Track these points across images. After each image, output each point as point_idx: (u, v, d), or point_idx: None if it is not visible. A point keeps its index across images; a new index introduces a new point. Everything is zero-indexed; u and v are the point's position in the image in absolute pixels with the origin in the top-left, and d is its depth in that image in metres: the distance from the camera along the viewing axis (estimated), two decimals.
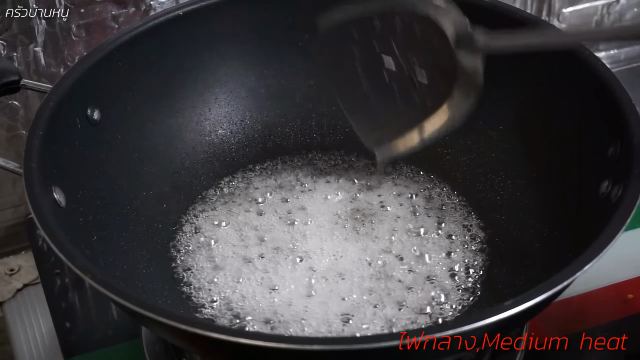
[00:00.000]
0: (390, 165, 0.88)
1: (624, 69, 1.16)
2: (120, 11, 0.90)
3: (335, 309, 0.73)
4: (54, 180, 0.68)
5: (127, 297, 0.58)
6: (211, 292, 0.75)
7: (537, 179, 0.80)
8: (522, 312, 0.56)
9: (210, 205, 0.84)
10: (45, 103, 0.71)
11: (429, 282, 0.75)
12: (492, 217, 0.81)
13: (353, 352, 0.55)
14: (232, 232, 0.81)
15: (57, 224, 0.63)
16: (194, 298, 0.75)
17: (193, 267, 0.78)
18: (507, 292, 0.73)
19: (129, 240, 0.76)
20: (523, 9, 1.06)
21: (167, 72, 0.84)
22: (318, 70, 0.85)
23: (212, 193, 0.85)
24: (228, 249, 0.79)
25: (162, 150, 0.84)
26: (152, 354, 0.77)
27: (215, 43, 0.86)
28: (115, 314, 0.83)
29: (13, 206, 0.95)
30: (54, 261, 0.88)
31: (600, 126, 0.73)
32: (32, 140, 0.68)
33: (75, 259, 0.60)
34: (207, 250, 0.79)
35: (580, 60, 0.76)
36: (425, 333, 0.54)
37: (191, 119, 0.87)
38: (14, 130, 0.91)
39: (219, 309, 0.73)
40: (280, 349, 0.54)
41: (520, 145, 0.83)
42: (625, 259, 0.84)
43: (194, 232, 0.81)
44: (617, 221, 0.61)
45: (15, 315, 0.87)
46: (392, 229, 0.81)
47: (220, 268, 0.77)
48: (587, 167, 0.74)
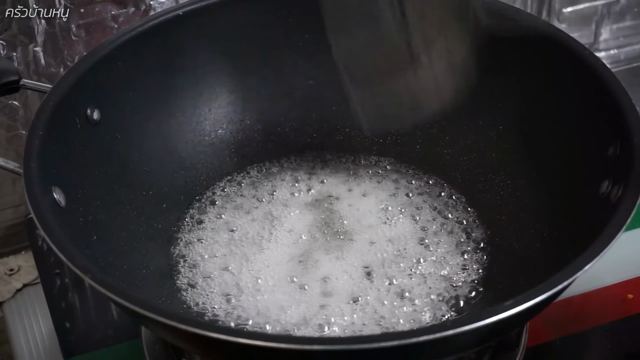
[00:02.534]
0: (390, 166, 0.88)
1: (624, 69, 1.16)
2: (120, 11, 0.90)
3: (336, 309, 0.73)
4: (54, 180, 0.68)
5: (127, 297, 0.58)
6: (211, 292, 0.75)
7: (537, 179, 0.80)
8: (522, 312, 0.56)
9: (210, 206, 0.84)
10: (45, 103, 0.71)
11: (429, 282, 0.75)
12: (492, 217, 0.81)
13: (353, 352, 0.55)
14: (232, 232, 0.81)
15: (57, 224, 0.63)
16: (194, 298, 0.75)
17: (193, 267, 0.78)
18: (507, 292, 0.73)
19: (128, 240, 0.76)
20: (523, 9, 1.06)
21: (167, 72, 0.84)
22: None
23: (212, 193, 0.85)
24: (228, 249, 0.79)
25: (162, 150, 0.83)
26: (152, 354, 0.77)
27: (215, 43, 0.86)
28: (115, 314, 0.83)
29: (13, 206, 0.95)
30: (54, 261, 0.88)
31: (600, 126, 0.73)
32: (32, 140, 0.68)
33: (75, 259, 0.60)
34: (207, 250, 0.79)
35: (580, 60, 0.76)
36: (425, 333, 0.54)
37: (191, 119, 0.87)
38: (14, 130, 0.91)
39: (219, 309, 0.73)
40: (280, 349, 0.54)
41: (520, 145, 0.83)
42: (625, 259, 0.84)
43: (194, 232, 0.81)
44: (617, 221, 0.61)
45: (15, 315, 0.87)
46: (391, 229, 0.80)
47: (220, 268, 0.77)
48: (587, 167, 0.74)
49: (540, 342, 0.77)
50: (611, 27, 1.14)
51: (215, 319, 0.72)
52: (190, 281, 0.76)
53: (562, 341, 0.78)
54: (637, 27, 1.15)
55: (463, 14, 0.66)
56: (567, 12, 1.11)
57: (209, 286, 0.76)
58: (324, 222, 0.82)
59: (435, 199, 0.84)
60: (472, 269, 0.77)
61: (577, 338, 0.78)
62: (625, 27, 1.14)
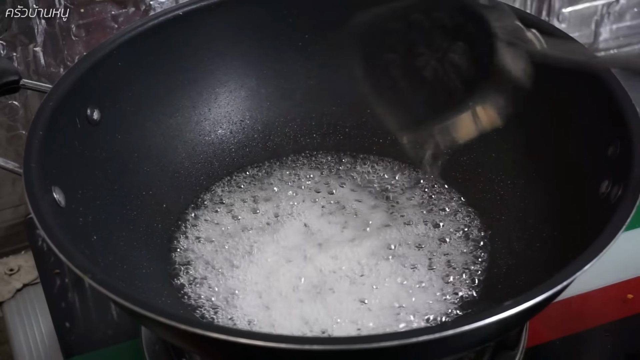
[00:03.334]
0: (390, 165, 0.88)
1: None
2: (120, 11, 0.90)
3: (337, 309, 0.73)
4: (54, 180, 0.68)
5: (127, 296, 0.58)
6: (211, 292, 0.75)
7: (537, 179, 0.80)
8: (522, 312, 0.56)
9: (210, 206, 0.84)
10: (45, 103, 0.71)
11: (429, 282, 0.75)
12: (492, 217, 0.81)
13: (353, 352, 0.55)
14: (232, 232, 0.81)
15: (57, 224, 0.63)
16: (194, 298, 0.75)
17: (193, 267, 0.77)
18: (507, 292, 0.73)
19: (128, 240, 0.76)
20: (523, 9, 1.06)
21: (167, 72, 0.84)
22: (345, 61, 0.79)
23: (212, 193, 0.85)
24: (228, 249, 0.79)
25: (162, 150, 0.84)
26: (152, 354, 0.77)
27: (215, 43, 0.86)
28: (115, 314, 0.83)
29: (13, 206, 0.95)
30: (54, 261, 0.88)
31: (600, 126, 0.73)
32: (32, 140, 0.68)
33: (74, 258, 0.60)
34: (206, 250, 0.79)
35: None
36: (425, 333, 0.54)
37: (191, 119, 0.87)
38: (14, 131, 0.91)
39: (219, 309, 0.73)
40: (280, 348, 0.54)
41: (520, 145, 0.82)
42: (625, 259, 0.84)
43: (194, 232, 0.81)
44: (617, 221, 0.61)
45: (15, 316, 0.87)
46: (391, 229, 0.80)
47: (221, 268, 0.77)
48: (587, 167, 0.74)
49: (540, 342, 0.77)
50: (611, 27, 1.14)
51: (215, 318, 0.72)
52: (190, 281, 0.76)
53: (562, 341, 0.78)
54: (637, 27, 1.15)
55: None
56: (567, 12, 1.11)
57: (209, 286, 0.76)
58: (326, 221, 0.82)
59: (435, 198, 0.84)
60: (472, 269, 0.77)
61: (577, 338, 0.78)
62: (625, 27, 1.14)
